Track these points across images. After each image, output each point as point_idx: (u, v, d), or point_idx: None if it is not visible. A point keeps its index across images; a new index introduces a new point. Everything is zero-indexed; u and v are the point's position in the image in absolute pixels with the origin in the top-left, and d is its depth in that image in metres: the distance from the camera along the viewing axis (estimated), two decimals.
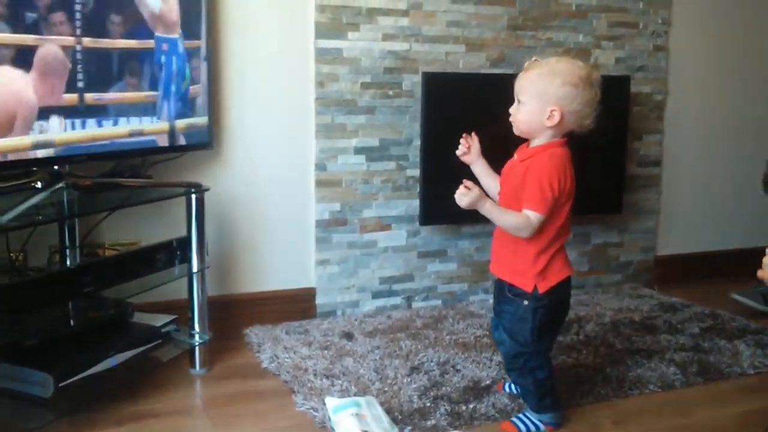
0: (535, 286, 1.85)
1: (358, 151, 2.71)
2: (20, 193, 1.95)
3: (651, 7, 3.10)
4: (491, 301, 2.84)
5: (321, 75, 2.63)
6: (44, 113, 1.90)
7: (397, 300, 2.85)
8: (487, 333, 2.56)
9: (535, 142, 1.87)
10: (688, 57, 3.25)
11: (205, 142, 2.39)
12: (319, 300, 2.74)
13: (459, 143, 2.00)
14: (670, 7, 3.16)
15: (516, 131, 1.89)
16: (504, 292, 1.91)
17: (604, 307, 2.88)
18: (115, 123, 2.10)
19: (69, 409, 1.85)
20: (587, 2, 2.98)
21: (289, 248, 2.70)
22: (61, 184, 2.03)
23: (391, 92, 2.72)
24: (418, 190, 2.79)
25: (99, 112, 2.06)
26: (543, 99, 1.80)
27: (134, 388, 2.10)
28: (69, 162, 2.04)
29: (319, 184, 2.68)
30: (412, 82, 2.74)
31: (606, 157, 3.02)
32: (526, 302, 1.86)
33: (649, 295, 3.09)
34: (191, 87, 2.30)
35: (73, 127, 1.99)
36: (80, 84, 1.99)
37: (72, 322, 2.14)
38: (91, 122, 2.03)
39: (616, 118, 3.00)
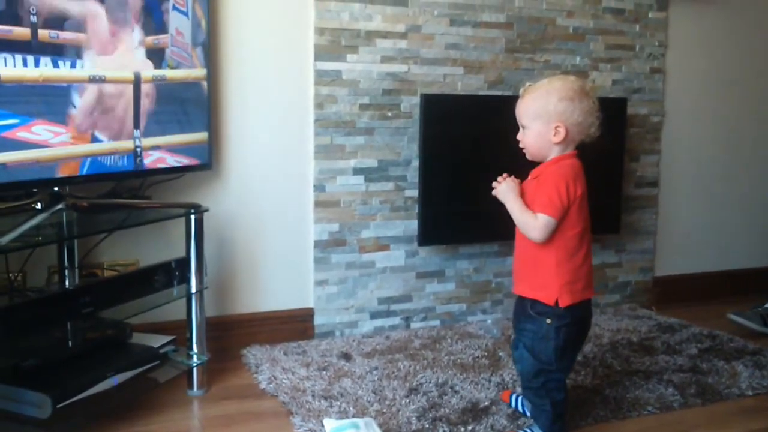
0: (557, 300, 1.85)
1: (357, 171, 2.72)
2: (20, 214, 1.96)
3: (647, 30, 3.14)
4: (489, 321, 2.88)
5: (320, 96, 2.64)
6: None
7: (396, 320, 2.85)
8: (486, 353, 2.56)
9: (547, 161, 1.91)
10: (684, 79, 3.28)
11: (205, 163, 2.40)
12: (318, 320, 2.74)
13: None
14: (666, 29, 3.19)
15: (529, 156, 1.93)
16: (526, 309, 1.91)
17: (602, 328, 2.88)
18: None
19: (67, 431, 1.84)
20: (584, 25, 3.01)
21: (288, 269, 2.71)
22: (60, 205, 2.03)
23: (389, 113, 2.74)
24: (416, 210, 2.80)
25: None
26: (545, 118, 1.86)
27: (132, 409, 2.09)
28: (69, 183, 2.05)
29: (318, 204, 2.69)
30: (411, 103, 2.76)
31: (603, 178, 3.03)
32: (548, 321, 1.86)
33: (647, 315, 3.09)
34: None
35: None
36: None
37: (70, 343, 2.14)
38: None
39: (613, 139, 3.02)
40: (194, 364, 2.24)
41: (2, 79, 1.81)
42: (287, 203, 2.68)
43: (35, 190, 2.00)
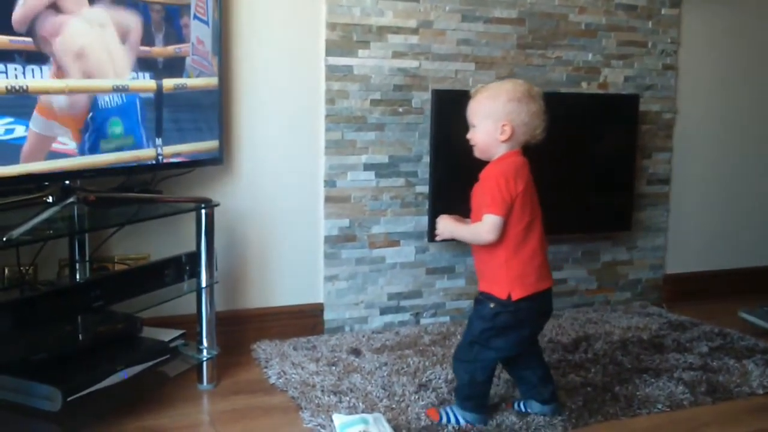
0: (509, 294, 1.91)
1: (368, 167, 2.72)
2: (32, 207, 1.97)
3: (660, 27, 3.12)
4: None
5: (331, 92, 2.64)
6: None
7: (405, 316, 2.85)
8: None
9: (493, 159, 1.98)
10: (697, 76, 3.26)
11: (216, 157, 2.40)
12: (327, 316, 2.74)
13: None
14: (679, 26, 3.17)
15: (476, 153, 2.01)
16: (478, 296, 2.01)
17: (612, 326, 2.87)
18: None
19: (77, 424, 1.85)
20: (597, 21, 3.00)
21: (298, 264, 2.71)
22: (72, 199, 2.04)
23: (400, 109, 2.74)
24: (426, 206, 2.79)
25: None
26: (493, 117, 1.94)
27: (142, 403, 2.10)
28: (80, 177, 2.05)
29: (329, 200, 2.69)
30: (422, 99, 2.75)
31: (615, 175, 3.03)
32: (492, 305, 1.94)
33: (657, 313, 3.08)
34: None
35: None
36: None
37: (81, 337, 2.14)
38: None
39: (625, 136, 3.02)
40: (204, 359, 2.25)
41: (29, 90, 1.85)
42: (298, 198, 2.68)
43: (47, 183, 2.01)
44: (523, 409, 2.08)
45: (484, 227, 1.90)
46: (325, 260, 2.71)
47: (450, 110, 2.72)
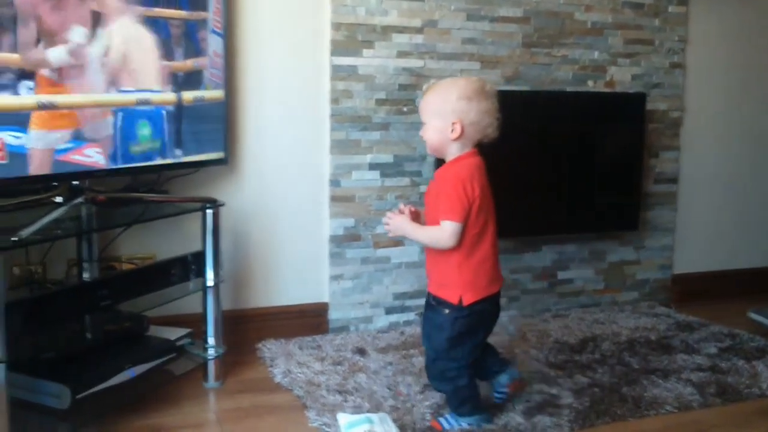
0: (461, 298, 1.90)
1: (373, 167, 2.72)
2: (41, 207, 1.98)
3: (667, 25, 3.11)
4: (505, 318, 2.86)
5: (336, 91, 2.65)
6: None
7: (411, 316, 2.85)
8: (501, 350, 2.54)
9: (447, 159, 1.95)
10: (704, 74, 3.24)
11: (221, 158, 2.41)
12: (333, 315, 2.74)
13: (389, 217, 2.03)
14: (686, 24, 3.16)
15: (429, 151, 2.01)
16: (429, 299, 1.99)
17: (620, 326, 2.86)
18: None
19: (85, 422, 1.86)
20: (603, 19, 2.99)
21: (303, 263, 2.71)
22: (80, 199, 2.06)
23: (405, 109, 2.74)
24: None
25: None
26: (443, 115, 1.90)
27: (148, 401, 2.11)
28: (88, 177, 2.07)
29: (334, 199, 2.69)
30: None
31: (622, 174, 3.02)
32: (447, 311, 1.92)
33: (665, 313, 3.07)
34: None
35: None
36: None
37: (89, 335, 2.17)
38: None
39: (632, 135, 3.01)
40: (210, 357, 2.26)
41: (57, 105, 1.89)
42: (303, 198, 2.69)
43: (55, 183, 2.03)
44: (498, 394, 2.08)
45: (444, 234, 1.87)
46: (330, 260, 2.72)
47: None
